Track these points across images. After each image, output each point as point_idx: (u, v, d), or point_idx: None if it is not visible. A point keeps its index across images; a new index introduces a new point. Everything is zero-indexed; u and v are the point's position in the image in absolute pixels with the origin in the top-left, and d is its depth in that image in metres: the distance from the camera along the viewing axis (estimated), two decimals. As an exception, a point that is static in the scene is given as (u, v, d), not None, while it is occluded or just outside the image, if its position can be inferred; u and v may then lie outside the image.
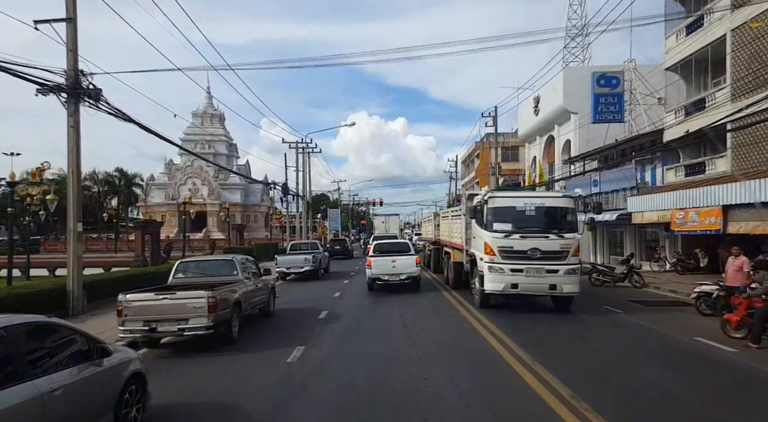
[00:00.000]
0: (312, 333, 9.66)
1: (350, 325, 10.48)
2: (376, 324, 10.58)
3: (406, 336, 9.26)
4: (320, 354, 8.05)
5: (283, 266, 19.58)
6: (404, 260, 16.15)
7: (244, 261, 10.69)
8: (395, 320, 10.89)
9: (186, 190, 58.65)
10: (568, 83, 30.40)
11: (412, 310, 12.26)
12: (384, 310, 12.39)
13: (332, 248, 35.58)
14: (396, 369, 7.01)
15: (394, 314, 11.77)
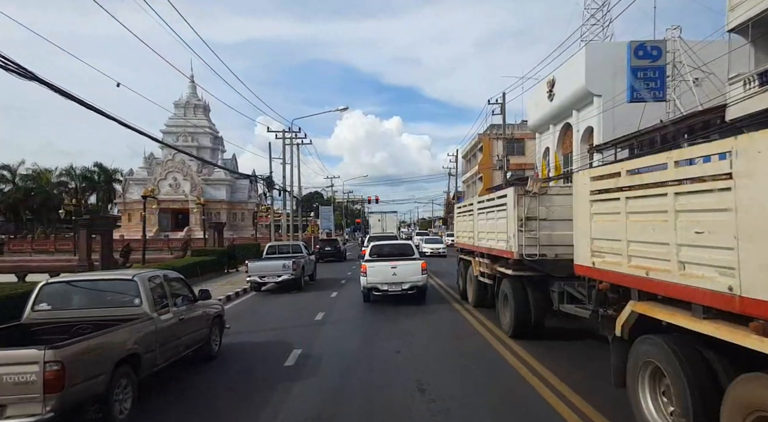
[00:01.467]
0: (264, 405, 5.67)
1: (332, 385, 6.32)
2: (374, 384, 6.33)
3: (427, 415, 5.32)
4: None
5: (256, 273, 15.65)
6: (407, 267, 12.40)
7: (160, 282, 6.62)
8: (404, 373, 6.75)
9: (166, 185, 54.64)
10: (590, 62, 26.60)
11: (424, 348, 8.26)
12: (385, 351, 8.08)
13: (322, 249, 31.64)
14: None
15: (400, 360, 7.53)
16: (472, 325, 9.77)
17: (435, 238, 37.91)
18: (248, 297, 15.43)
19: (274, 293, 16.13)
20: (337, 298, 14.48)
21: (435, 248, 32.78)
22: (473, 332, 9.13)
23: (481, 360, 7.27)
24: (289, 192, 38.88)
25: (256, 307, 13.38)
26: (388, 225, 35.89)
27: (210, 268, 21.38)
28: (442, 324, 9.93)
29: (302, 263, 16.72)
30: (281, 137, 36.44)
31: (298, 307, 13.04)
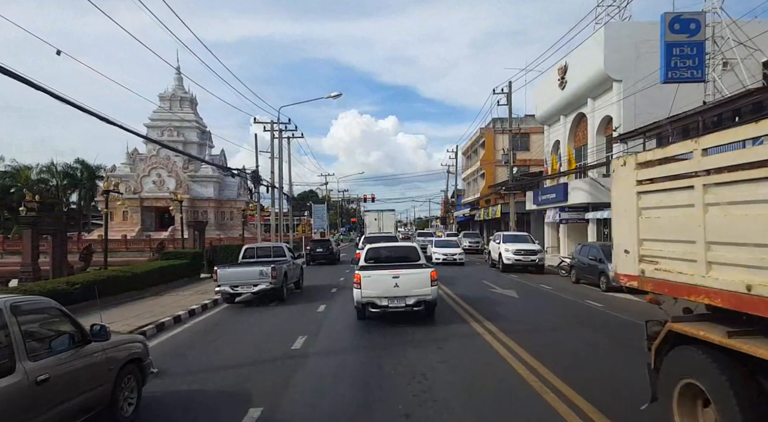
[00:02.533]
0: None
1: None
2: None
3: None
4: None
5: (227, 282, 12.86)
6: (412, 276, 9.72)
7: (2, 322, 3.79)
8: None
9: (150, 182, 51.65)
10: (610, 44, 24.00)
11: (445, 408, 5.31)
12: (388, 414, 5.16)
13: (313, 251, 28.83)
14: None
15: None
16: (507, 362, 7.03)
17: (449, 240, 28.79)
18: (216, 312, 12.65)
19: (249, 306, 13.35)
20: (326, 314, 11.70)
21: (449, 253, 25.33)
22: (511, 375, 6.41)
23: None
24: (279, 189, 36.07)
25: (219, 328, 10.58)
26: (386, 224, 32.93)
27: (182, 272, 18.59)
28: (466, 360, 7.19)
29: (284, 269, 13.94)
30: (269, 130, 33.68)
31: (274, 328, 10.26)
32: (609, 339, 8.63)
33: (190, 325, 10.93)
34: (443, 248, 26.18)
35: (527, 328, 9.40)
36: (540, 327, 9.64)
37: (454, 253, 25.60)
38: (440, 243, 27.31)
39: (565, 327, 9.71)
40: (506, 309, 11.60)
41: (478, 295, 14.06)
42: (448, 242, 27.65)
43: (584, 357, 7.36)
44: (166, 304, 13.48)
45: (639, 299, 13.28)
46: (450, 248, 26.01)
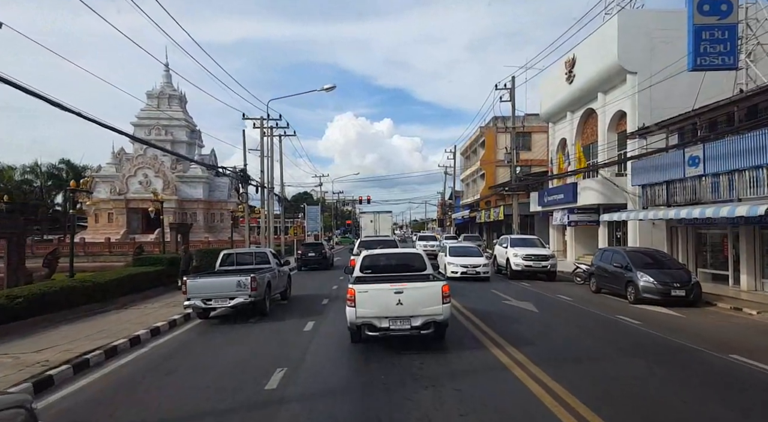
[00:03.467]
0: None
1: None
2: None
3: None
4: None
5: (198, 295, 10.95)
6: (419, 291, 7.89)
7: None
8: None
9: (136, 183, 49.61)
10: (624, 33, 22.31)
11: None
12: None
13: (305, 255, 26.91)
14: None
15: None
16: (552, 414, 5.17)
17: (468, 248, 21.84)
18: (184, 331, 10.74)
19: (225, 323, 11.45)
20: (313, 334, 9.81)
21: (471, 265, 19.01)
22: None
23: None
24: (270, 189, 34.14)
25: (181, 354, 8.68)
26: (382, 226, 31.09)
27: (157, 280, 16.64)
28: (495, 411, 5.31)
29: (267, 279, 12.05)
30: (259, 126, 31.75)
31: (248, 354, 8.36)
32: (677, 374, 6.77)
33: (148, 349, 9.02)
34: (462, 257, 19.70)
35: (563, 356, 7.56)
36: (578, 354, 7.79)
37: (476, 264, 19.02)
38: (458, 251, 20.72)
39: (610, 354, 7.86)
40: (529, 328, 9.76)
41: (491, 308, 12.23)
42: (468, 250, 21.11)
43: (657, 405, 5.50)
44: (129, 320, 11.55)
45: (677, 314, 11.50)
46: (471, 258, 19.60)
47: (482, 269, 19.01)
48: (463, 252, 20.51)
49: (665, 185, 17.83)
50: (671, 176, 17.26)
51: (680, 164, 16.74)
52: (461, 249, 21.19)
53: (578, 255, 28.88)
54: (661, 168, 17.80)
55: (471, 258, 19.60)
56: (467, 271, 18.96)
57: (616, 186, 22.86)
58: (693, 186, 16.60)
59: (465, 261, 19.27)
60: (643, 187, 19.30)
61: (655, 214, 17.12)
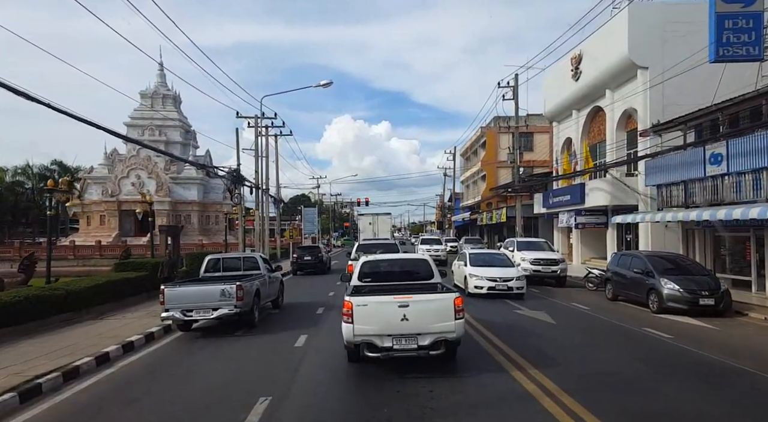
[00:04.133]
0: None
1: None
2: None
3: None
4: None
5: (177, 306, 9.80)
6: (428, 304, 6.81)
7: None
8: None
9: (129, 184, 48.35)
10: (635, 26, 21.29)
11: None
12: None
13: (300, 259, 25.76)
14: None
15: None
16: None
17: (496, 255, 17.25)
18: (161, 346, 9.60)
19: (208, 336, 10.31)
20: (305, 350, 8.66)
21: (502, 278, 14.82)
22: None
23: None
24: (265, 190, 33.01)
25: (152, 376, 7.54)
26: (381, 228, 29.90)
27: (140, 286, 15.47)
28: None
29: (255, 287, 10.91)
30: (254, 126, 30.64)
31: (228, 378, 7.21)
32: (737, 403, 5.65)
33: (116, 370, 7.88)
34: (488, 267, 15.40)
35: (598, 382, 6.44)
36: (614, 379, 6.67)
37: (508, 277, 14.76)
38: (482, 259, 16.22)
39: (651, 378, 6.74)
40: (549, 344, 8.64)
41: (503, 319, 11.11)
42: (495, 258, 16.52)
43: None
44: (101, 333, 10.40)
45: (709, 326, 10.39)
46: (500, 269, 15.28)
47: (516, 285, 14.66)
48: (488, 261, 16.08)
49: (683, 185, 16.77)
50: (690, 175, 16.19)
51: (700, 163, 15.66)
52: (486, 257, 16.56)
53: (584, 259, 27.80)
54: (679, 167, 16.73)
55: (500, 269, 15.27)
56: (496, 286, 14.62)
57: (627, 187, 21.79)
58: (714, 186, 15.53)
59: (493, 273, 14.99)
60: (658, 187, 18.24)
61: (673, 216, 16.04)
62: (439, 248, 31.40)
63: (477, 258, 16.38)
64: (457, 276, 16.87)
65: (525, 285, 15.03)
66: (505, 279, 14.78)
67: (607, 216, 24.57)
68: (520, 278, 15.03)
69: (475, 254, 17.12)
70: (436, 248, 30.86)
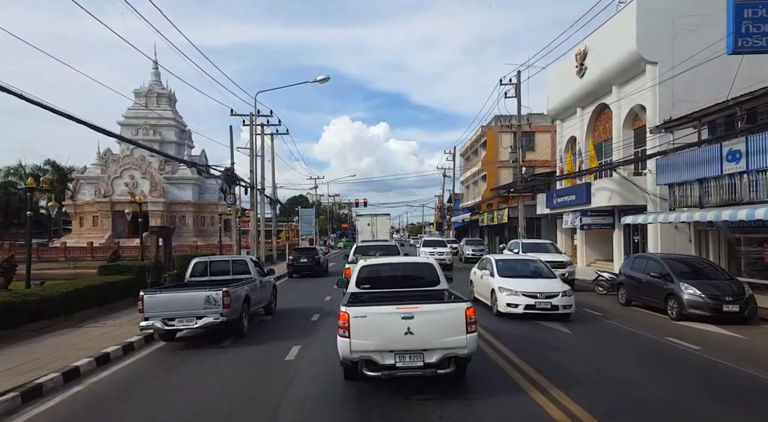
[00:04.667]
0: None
1: None
2: None
3: None
4: None
5: (158, 314, 8.94)
6: (435, 316, 5.96)
7: None
8: None
9: (122, 184, 47.38)
10: (643, 20, 20.54)
11: None
12: None
13: (296, 261, 24.88)
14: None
15: None
16: None
17: (528, 263, 13.49)
18: (138, 359, 8.73)
19: (191, 347, 9.44)
20: (297, 365, 7.79)
21: (545, 292, 11.36)
22: None
23: None
24: (260, 190, 32.17)
25: (117, 399, 6.68)
26: (380, 230, 29.04)
27: (123, 291, 14.57)
28: None
29: (244, 293, 10.05)
30: (249, 124, 29.79)
31: (207, 401, 6.34)
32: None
33: (83, 388, 7.02)
34: (522, 278, 12.01)
35: (634, 407, 5.60)
36: (648, 401, 5.82)
37: (552, 292, 11.27)
38: (514, 268, 12.85)
39: (688, 399, 5.90)
40: (568, 358, 7.79)
41: (513, 329, 10.26)
42: (529, 267, 13.01)
43: None
44: (76, 343, 9.53)
45: (736, 335, 9.56)
46: (541, 281, 11.93)
47: (563, 302, 11.03)
48: (521, 270, 12.65)
49: (697, 184, 15.98)
50: (705, 173, 15.41)
51: (716, 160, 14.86)
52: (519, 265, 13.04)
53: (589, 261, 27.02)
54: (693, 165, 15.94)
55: (539, 282, 11.77)
56: (537, 304, 10.99)
57: (635, 186, 21.00)
58: (731, 184, 14.74)
59: (531, 286, 11.43)
60: (670, 186, 17.44)
61: (689, 216, 15.22)
62: (443, 250, 28.50)
63: (507, 266, 12.80)
64: (480, 289, 13.40)
65: (574, 303, 11.36)
66: (548, 295, 11.12)
67: (613, 217, 23.78)
68: (568, 294, 11.29)
69: (504, 260, 13.49)
70: (441, 251, 28.04)
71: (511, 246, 20.90)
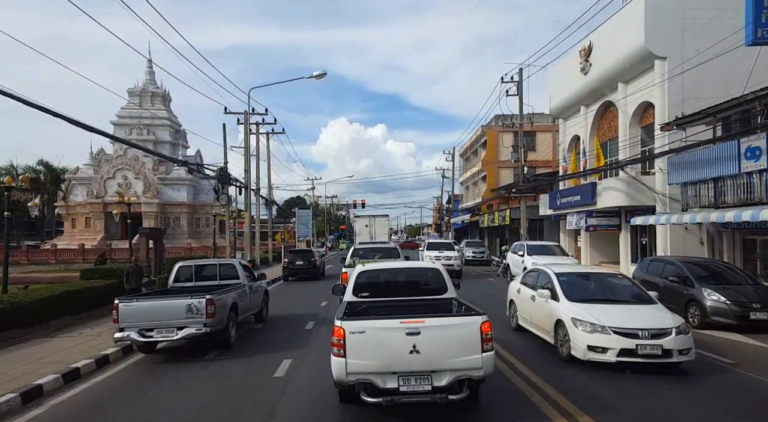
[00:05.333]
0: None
1: None
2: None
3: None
4: None
5: (134, 325, 8.09)
6: (445, 331, 5.09)
7: None
8: None
9: (115, 185, 46.43)
10: (652, 14, 19.77)
11: None
12: None
13: (291, 263, 24.02)
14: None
15: None
16: None
17: (608, 276, 9.67)
18: (113, 374, 7.89)
19: (173, 361, 8.58)
20: (286, 385, 6.92)
21: (653, 328, 7.18)
22: None
23: None
24: (255, 191, 31.33)
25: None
26: (379, 231, 28.20)
27: (105, 297, 13.65)
28: None
29: (231, 300, 9.20)
30: (243, 123, 28.96)
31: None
32: None
33: (43, 412, 6.18)
34: (607, 304, 8.12)
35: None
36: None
37: (660, 329, 7.25)
38: (589, 288, 8.85)
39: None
40: (592, 376, 6.95)
41: (522, 339, 9.42)
42: (612, 286, 9.08)
43: None
44: (45, 356, 8.66)
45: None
46: (637, 309, 8.02)
47: (678, 345, 7.14)
48: (599, 292, 8.70)
49: (712, 183, 15.21)
50: (721, 171, 14.62)
51: (734, 158, 14.07)
52: (592, 285, 8.95)
53: (594, 263, 26.23)
54: (708, 163, 15.15)
55: (634, 311, 7.94)
56: (639, 347, 7.10)
57: (644, 186, 20.21)
58: (749, 183, 13.97)
59: (622, 319, 7.50)
60: (683, 185, 16.66)
61: (705, 216, 14.42)
62: (452, 254, 23.52)
63: (576, 285, 8.70)
64: (532, 315, 9.29)
65: (693, 346, 7.35)
66: (654, 332, 7.16)
67: (620, 218, 23.00)
68: (682, 330, 7.32)
69: (569, 275, 9.12)
70: (448, 255, 23.03)
71: (515, 249, 20.09)
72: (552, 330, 8.28)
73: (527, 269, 15.73)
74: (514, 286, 10.80)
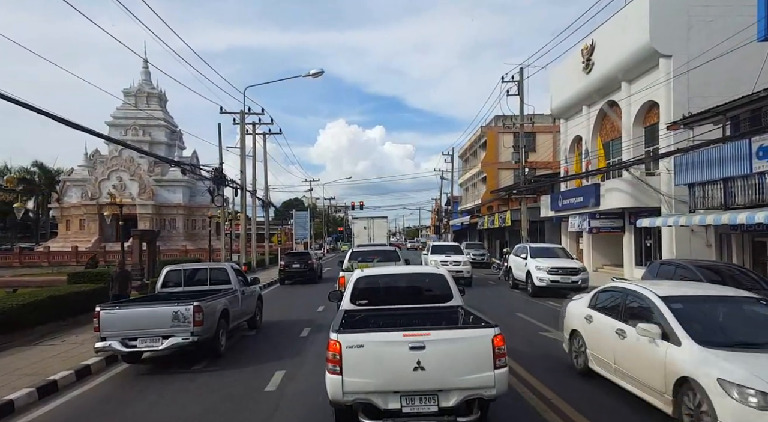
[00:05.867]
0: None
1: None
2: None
3: None
4: None
5: (117, 334, 7.56)
6: (452, 345, 4.55)
7: None
8: None
9: (110, 186, 45.77)
10: (656, 12, 19.37)
11: None
12: None
13: (288, 266, 23.47)
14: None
15: None
16: None
17: (745, 307, 5.74)
18: (92, 387, 7.35)
19: (158, 372, 8.05)
20: (279, 400, 6.38)
21: None
22: None
23: None
24: (251, 192, 30.80)
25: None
26: (377, 233, 27.71)
27: (92, 302, 13.08)
28: None
29: (221, 306, 8.67)
30: (239, 123, 28.44)
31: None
32: None
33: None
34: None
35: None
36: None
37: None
38: (714, 321, 5.56)
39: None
40: (608, 390, 6.44)
41: (530, 348, 8.93)
42: (753, 313, 5.64)
43: None
44: (20, 368, 8.11)
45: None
46: None
47: None
48: (746, 329, 5.48)
49: (722, 184, 14.73)
50: (731, 172, 14.15)
51: (745, 157, 13.60)
52: (729, 316, 5.74)
53: (596, 266, 25.75)
54: (717, 163, 14.67)
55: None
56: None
57: (649, 187, 19.75)
58: (761, 184, 13.49)
59: None
60: (690, 186, 16.18)
61: (715, 218, 13.93)
62: (460, 259, 20.85)
63: (705, 319, 5.55)
64: (626, 364, 5.94)
65: None
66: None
67: (623, 220, 22.55)
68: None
69: (686, 300, 5.85)
70: (456, 260, 20.62)
71: (518, 251, 19.59)
72: (668, 392, 5.03)
73: (529, 272, 15.13)
74: (578, 310, 7.44)
